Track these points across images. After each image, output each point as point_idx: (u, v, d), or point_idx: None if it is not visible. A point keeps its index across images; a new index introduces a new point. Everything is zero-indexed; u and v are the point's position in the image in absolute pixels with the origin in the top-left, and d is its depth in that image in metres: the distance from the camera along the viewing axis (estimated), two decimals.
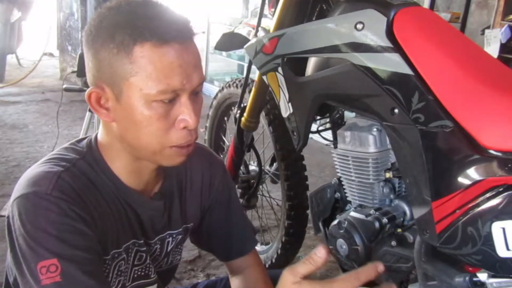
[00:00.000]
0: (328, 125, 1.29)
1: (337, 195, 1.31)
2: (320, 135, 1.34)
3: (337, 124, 1.25)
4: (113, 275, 0.87)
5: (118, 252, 0.87)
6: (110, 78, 0.77)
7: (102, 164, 0.85)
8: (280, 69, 1.19)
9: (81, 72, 2.03)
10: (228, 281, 1.10)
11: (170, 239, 0.98)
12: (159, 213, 0.93)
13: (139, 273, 0.93)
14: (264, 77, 1.26)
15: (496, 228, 0.83)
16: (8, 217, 0.78)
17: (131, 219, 0.88)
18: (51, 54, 5.82)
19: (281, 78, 1.19)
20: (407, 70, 0.92)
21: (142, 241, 0.91)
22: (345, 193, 1.27)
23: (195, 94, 0.81)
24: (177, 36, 0.76)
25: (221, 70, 4.98)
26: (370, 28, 0.96)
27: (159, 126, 0.78)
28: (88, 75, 0.82)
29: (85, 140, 0.88)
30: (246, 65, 2.96)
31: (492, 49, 3.21)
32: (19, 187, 0.78)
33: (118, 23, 0.76)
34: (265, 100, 1.64)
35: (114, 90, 0.78)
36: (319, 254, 0.64)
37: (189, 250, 2.01)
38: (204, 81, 0.83)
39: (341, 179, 1.26)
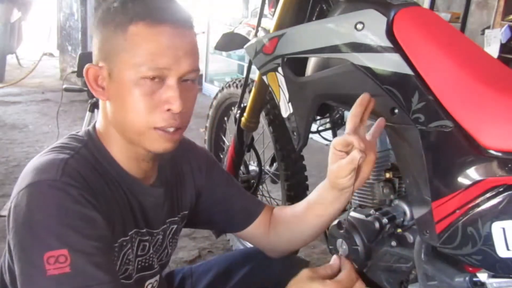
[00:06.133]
0: (328, 125, 1.29)
1: None
2: (320, 135, 1.34)
3: (337, 124, 1.25)
4: (122, 263, 0.86)
5: (125, 240, 0.86)
6: (106, 54, 0.82)
7: (103, 151, 0.86)
8: (280, 69, 1.19)
9: (81, 72, 2.02)
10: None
11: (170, 228, 0.99)
12: (161, 201, 0.94)
13: (142, 264, 0.92)
14: (264, 77, 1.26)
15: (496, 228, 0.83)
16: (10, 209, 0.75)
17: (133, 207, 0.88)
18: (51, 54, 5.81)
19: (281, 78, 1.19)
20: (407, 70, 0.92)
21: (144, 230, 0.91)
22: None
23: (186, 82, 0.83)
24: (171, 19, 0.80)
25: (221, 70, 4.97)
26: (370, 28, 0.96)
27: (144, 104, 0.80)
28: (93, 56, 0.86)
29: (84, 131, 0.89)
30: (246, 65, 2.96)
31: (492, 49, 3.21)
32: (25, 178, 0.77)
33: (120, 7, 0.81)
34: (265, 100, 1.64)
35: (108, 66, 0.82)
36: (334, 261, 0.77)
37: (189, 250, 2.01)
38: (199, 73, 0.85)
39: None
